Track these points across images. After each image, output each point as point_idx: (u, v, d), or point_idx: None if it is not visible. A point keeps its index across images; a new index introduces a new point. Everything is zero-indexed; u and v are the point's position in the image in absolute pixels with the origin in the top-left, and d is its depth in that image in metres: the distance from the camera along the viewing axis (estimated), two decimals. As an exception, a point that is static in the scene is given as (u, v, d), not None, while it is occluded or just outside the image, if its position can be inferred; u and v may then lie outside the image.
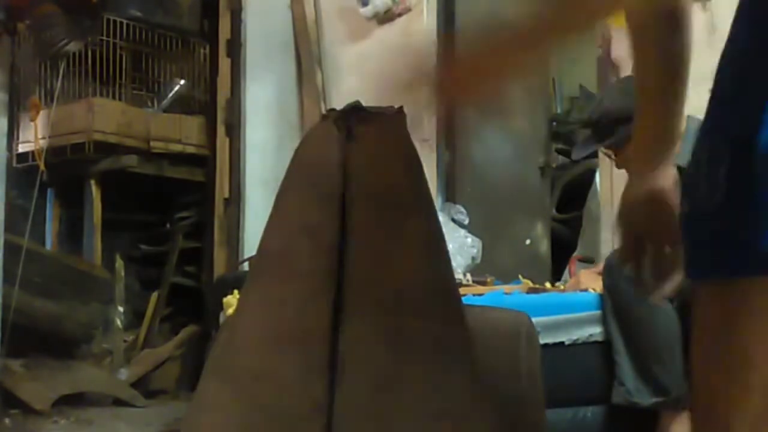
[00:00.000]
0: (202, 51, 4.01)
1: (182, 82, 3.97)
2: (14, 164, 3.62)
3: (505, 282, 2.72)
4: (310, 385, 1.00)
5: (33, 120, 3.45)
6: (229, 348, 1.04)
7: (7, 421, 2.92)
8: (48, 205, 3.87)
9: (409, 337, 1.03)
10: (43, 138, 3.44)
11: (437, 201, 3.55)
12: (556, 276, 3.40)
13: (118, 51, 3.71)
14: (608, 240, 3.17)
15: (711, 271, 0.99)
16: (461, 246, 3.17)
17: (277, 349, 1.02)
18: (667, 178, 1.15)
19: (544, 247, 3.86)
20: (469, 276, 2.77)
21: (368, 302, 1.04)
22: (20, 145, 3.70)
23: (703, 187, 0.96)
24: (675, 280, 1.04)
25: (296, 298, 1.04)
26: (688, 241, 1.01)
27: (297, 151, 1.12)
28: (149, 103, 3.94)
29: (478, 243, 3.14)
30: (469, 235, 3.25)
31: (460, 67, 0.95)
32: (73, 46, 3.31)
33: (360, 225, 1.06)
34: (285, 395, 1.00)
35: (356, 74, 3.71)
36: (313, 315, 1.03)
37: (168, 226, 4.01)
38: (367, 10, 3.59)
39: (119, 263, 3.80)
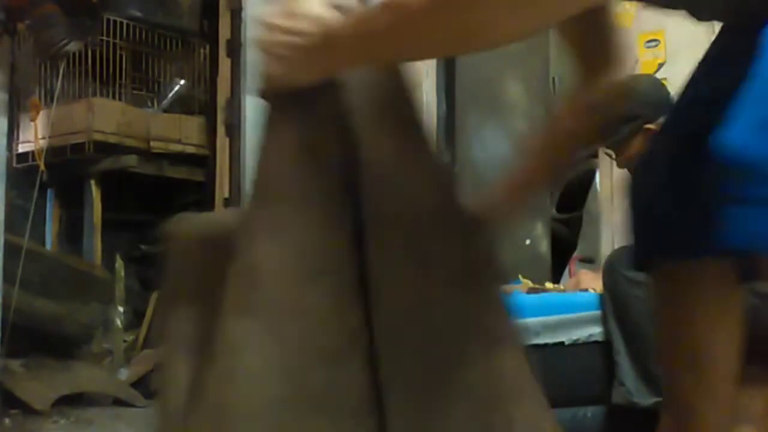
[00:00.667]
0: (202, 51, 4.01)
1: (182, 82, 3.97)
2: (14, 164, 3.62)
3: (505, 282, 2.71)
4: (346, 316, 0.96)
5: (33, 120, 3.45)
6: (253, 284, 0.95)
7: (7, 421, 2.92)
8: (48, 205, 3.87)
9: (437, 260, 1.00)
10: (43, 138, 3.44)
11: (437, 201, 3.54)
12: (556, 276, 3.40)
13: (118, 51, 3.71)
14: (608, 240, 3.17)
15: (659, 256, 1.02)
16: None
17: (306, 281, 0.95)
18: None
19: (544, 247, 3.86)
20: (469, 276, 2.77)
21: (390, 225, 0.99)
22: (20, 145, 3.70)
23: (644, 182, 1.02)
24: None
25: (314, 224, 0.98)
26: (633, 236, 1.05)
27: None
28: (149, 103, 3.94)
29: (478, 243, 3.13)
30: (469, 235, 3.24)
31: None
32: (73, 46, 3.31)
33: (369, 143, 1.00)
34: (322, 329, 0.95)
35: (356, 74, 3.71)
36: (335, 241, 0.97)
37: (168, 226, 4.00)
38: (367, 10, 3.59)
39: (119, 263, 3.80)
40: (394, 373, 0.95)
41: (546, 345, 2.09)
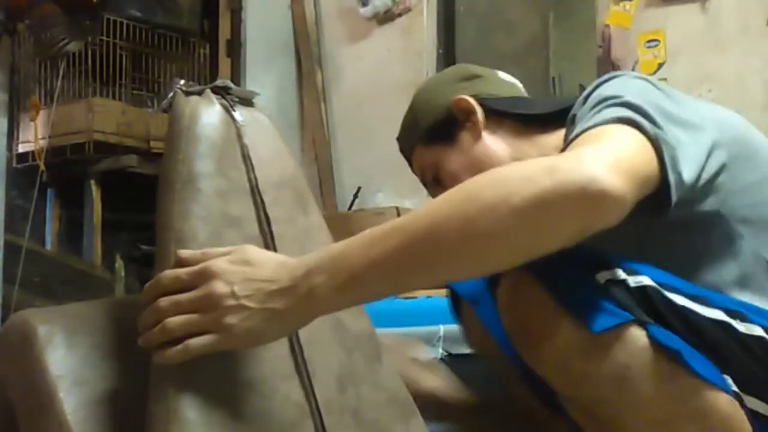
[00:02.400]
0: (202, 51, 4.01)
1: (182, 82, 3.97)
2: (14, 164, 3.62)
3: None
4: (290, 391, 0.97)
5: (33, 120, 3.45)
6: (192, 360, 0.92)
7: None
8: (48, 205, 3.87)
9: (346, 330, 1.05)
10: (43, 138, 3.44)
11: (437, 201, 3.55)
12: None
13: (118, 51, 3.71)
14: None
15: None
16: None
17: (248, 356, 0.95)
18: None
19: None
20: (469, 276, 2.77)
21: None
22: (20, 145, 3.70)
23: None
24: None
25: None
26: None
27: (193, 129, 1.03)
28: (149, 103, 3.93)
29: (478, 243, 3.13)
30: (469, 235, 3.24)
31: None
32: (73, 46, 3.31)
33: (278, 218, 1.03)
34: (272, 403, 0.95)
35: (356, 74, 3.72)
36: None
37: (168, 226, 3.99)
38: (367, 10, 3.60)
39: (119, 263, 3.80)
40: None
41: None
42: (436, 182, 1.32)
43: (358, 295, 0.88)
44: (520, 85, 1.40)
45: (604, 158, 0.85)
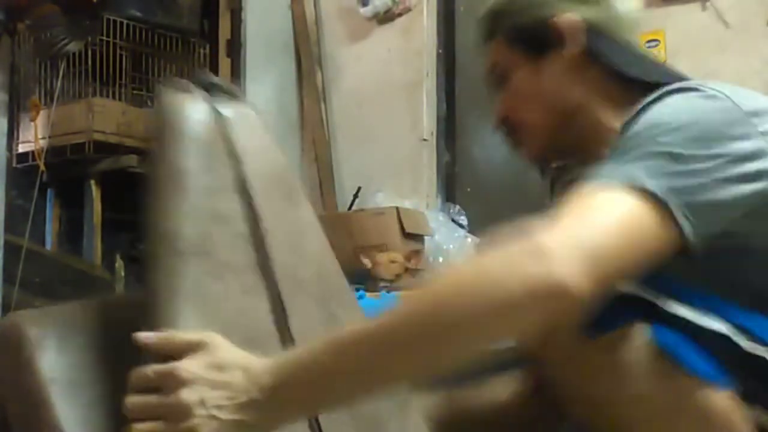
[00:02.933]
0: (202, 51, 4.01)
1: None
2: (14, 164, 3.62)
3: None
4: None
5: (33, 120, 3.45)
6: None
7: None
8: (48, 205, 3.87)
9: (339, 321, 1.05)
10: (43, 138, 3.44)
11: (437, 201, 3.55)
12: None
13: (118, 51, 3.70)
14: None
15: None
16: (461, 246, 3.17)
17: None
18: None
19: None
20: (468, 276, 2.76)
21: (300, 294, 1.02)
22: (20, 145, 3.70)
23: None
24: None
25: (236, 296, 0.97)
26: None
27: (177, 125, 1.00)
28: (149, 103, 3.93)
29: (478, 243, 3.13)
30: (469, 235, 3.25)
31: None
32: (73, 46, 3.31)
33: (267, 214, 1.02)
34: None
35: (356, 74, 3.71)
36: (255, 312, 0.99)
37: (168, 226, 3.99)
38: (367, 10, 3.60)
39: (119, 263, 3.79)
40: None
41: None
42: (500, 81, 1.25)
43: (330, 403, 0.90)
44: (643, 18, 1.28)
45: (581, 253, 0.85)
